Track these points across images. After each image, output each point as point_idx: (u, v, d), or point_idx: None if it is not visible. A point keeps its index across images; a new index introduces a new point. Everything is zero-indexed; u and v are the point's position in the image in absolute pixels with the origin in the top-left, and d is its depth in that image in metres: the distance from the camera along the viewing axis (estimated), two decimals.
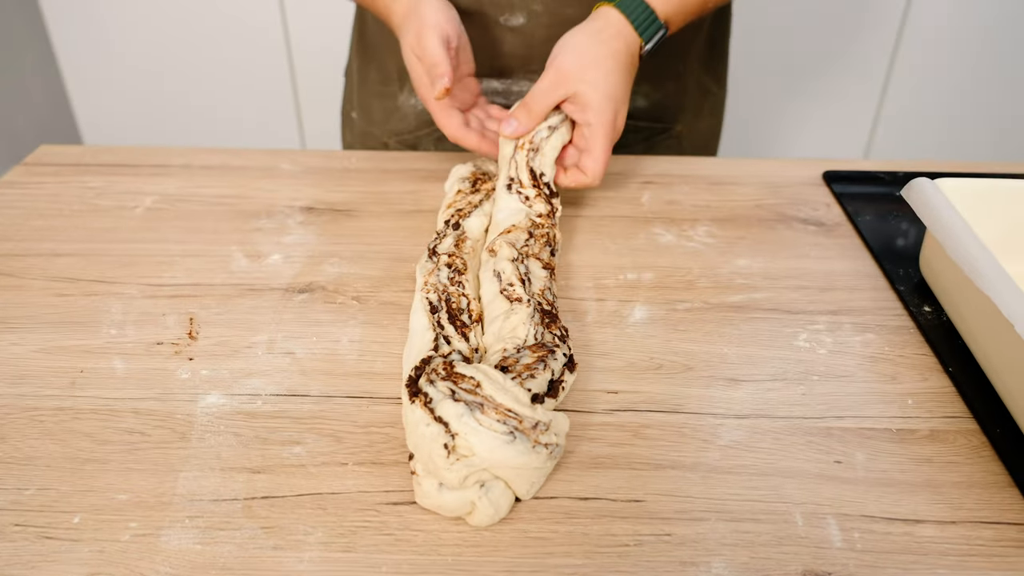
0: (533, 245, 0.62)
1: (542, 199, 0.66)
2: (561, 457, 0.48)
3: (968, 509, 0.45)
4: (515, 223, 0.64)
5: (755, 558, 0.42)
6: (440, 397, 0.44)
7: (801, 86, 1.83)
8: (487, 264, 0.59)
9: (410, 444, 0.45)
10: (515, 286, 0.56)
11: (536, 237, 0.63)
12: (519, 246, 0.61)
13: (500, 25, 0.83)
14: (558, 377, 0.49)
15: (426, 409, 0.44)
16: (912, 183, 0.61)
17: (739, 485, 0.46)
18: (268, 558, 0.42)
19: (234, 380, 0.54)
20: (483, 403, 0.44)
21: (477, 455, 0.43)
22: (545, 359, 0.49)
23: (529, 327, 0.52)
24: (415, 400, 0.45)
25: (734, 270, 0.66)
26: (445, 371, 0.47)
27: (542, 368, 0.48)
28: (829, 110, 1.86)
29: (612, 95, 0.67)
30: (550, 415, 0.45)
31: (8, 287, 0.63)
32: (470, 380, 0.46)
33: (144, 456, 0.48)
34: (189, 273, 0.65)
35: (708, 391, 0.53)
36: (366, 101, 0.95)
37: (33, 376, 0.54)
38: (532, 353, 0.49)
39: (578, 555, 0.42)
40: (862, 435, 0.50)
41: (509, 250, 0.59)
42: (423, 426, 0.44)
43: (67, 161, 0.82)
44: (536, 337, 0.51)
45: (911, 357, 0.57)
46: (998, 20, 1.72)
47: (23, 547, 0.42)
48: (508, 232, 0.63)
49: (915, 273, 0.65)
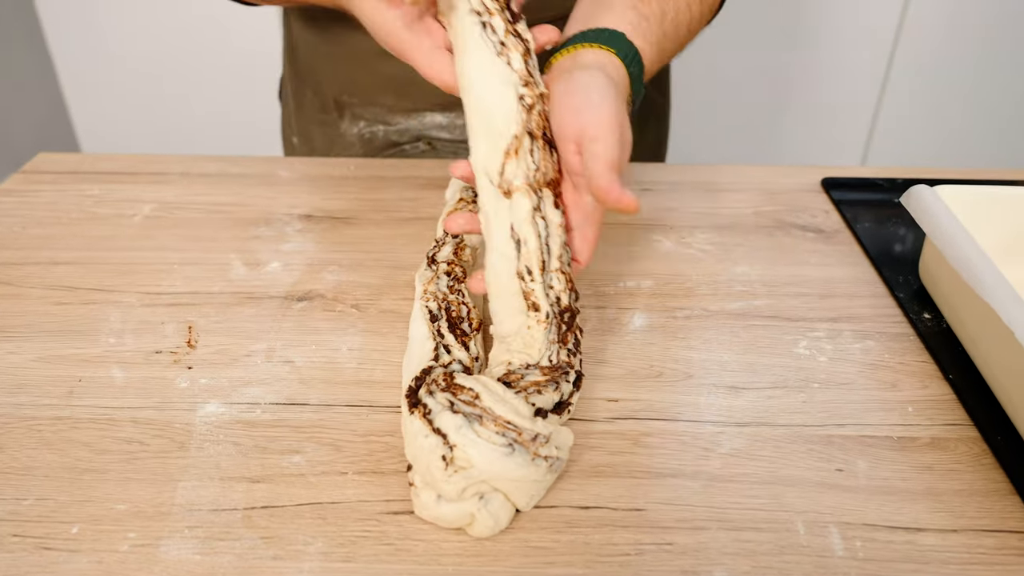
0: (539, 159, 0.49)
1: (512, 36, 0.50)
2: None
3: (969, 517, 0.45)
4: (515, 128, 0.49)
5: (757, 567, 0.42)
6: (439, 409, 0.44)
7: (797, 93, 1.83)
8: (498, 213, 0.49)
9: (409, 455, 0.45)
10: (534, 276, 0.48)
11: (536, 135, 0.49)
12: (532, 175, 0.49)
13: None
14: (566, 399, 0.48)
15: (425, 420, 0.44)
16: (911, 190, 0.61)
17: (740, 494, 0.46)
18: (268, 568, 0.42)
19: (233, 389, 0.54)
20: (482, 415, 0.44)
21: (475, 467, 0.42)
22: (557, 381, 0.48)
23: (543, 345, 0.50)
24: (414, 411, 0.45)
25: (733, 277, 0.66)
26: (445, 382, 0.46)
27: (552, 389, 0.48)
28: (825, 117, 1.86)
29: None
30: (550, 428, 0.45)
31: (6, 295, 0.63)
32: (469, 392, 0.45)
33: (143, 466, 0.48)
34: (188, 281, 0.65)
35: (708, 399, 0.53)
36: (305, 128, 0.92)
37: (31, 385, 0.54)
38: (543, 374, 0.49)
39: (579, 565, 0.42)
40: (863, 443, 0.50)
41: (527, 198, 0.48)
42: (422, 437, 0.43)
43: (65, 169, 0.82)
44: (550, 359, 0.50)
45: (911, 364, 0.57)
46: (995, 26, 1.72)
47: (21, 558, 0.42)
48: (514, 151, 0.48)
49: (914, 280, 0.65)
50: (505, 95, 0.49)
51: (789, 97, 1.83)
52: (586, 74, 0.51)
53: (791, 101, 1.84)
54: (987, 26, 1.73)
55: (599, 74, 0.51)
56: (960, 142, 1.89)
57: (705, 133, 1.87)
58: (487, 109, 0.49)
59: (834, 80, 1.80)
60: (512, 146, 0.48)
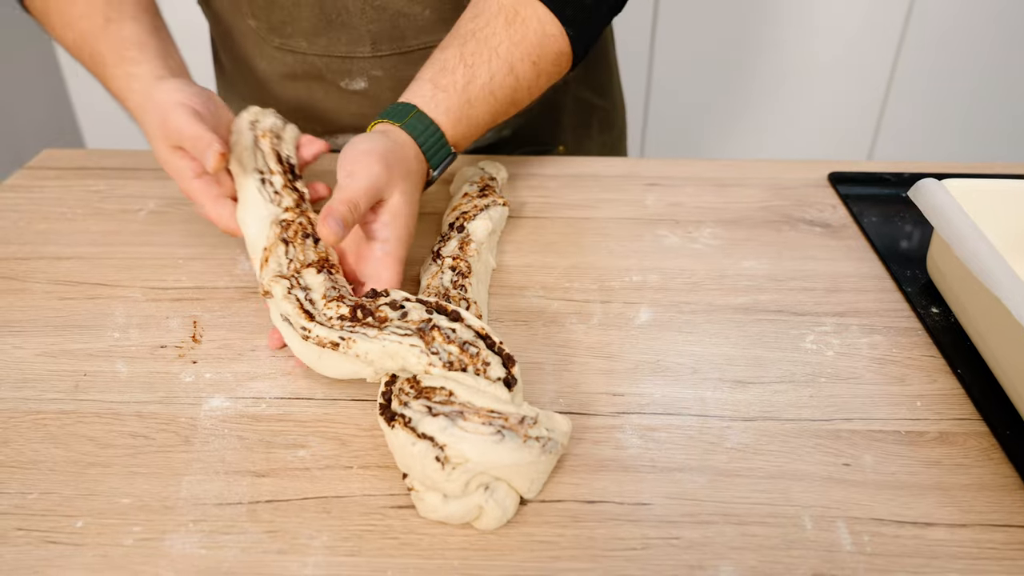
0: (296, 251, 0.56)
1: (288, 188, 0.61)
2: (566, 460, 0.48)
3: (978, 512, 0.45)
4: (267, 239, 0.58)
5: (764, 562, 0.42)
6: (419, 416, 0.44)
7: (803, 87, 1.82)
8: (272, 310, 0.54)
9: (401, 465, 0.45)
10: (309, 329, 0.50)
11: (293, 240, 0.57)
12: (284, 268, 0.55)
13: (343, 89, 0.83)
14: (483, 334, 0.49)
15: (408, 429, 0.44)
16: (919, 184, 0.61)
17: (747, 488, 0.46)
18: (272, 562, 0.42)
19: (238, 383, 0.54)
20: (462, 410, 0.44)
21: (471, 460, 0.42)
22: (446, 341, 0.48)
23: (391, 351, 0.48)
24: (394, 424, 0.44)
25: (740, 272, 0.66)
26: (414, 389, 0.46)
27: (469, 352, 0.47)
28: (831, 111, 1.86)
29: (414, 214, 0.60)
30: (536, 409, 0.45)
31: (11, 291, 0.63)
32: (441, 391, 0.46)
33: (148, 460, 0.48)
34: (192, 276, 0.64)
35: (715, 393, 0.53)
36: None
37: (36, 379, 0.54)
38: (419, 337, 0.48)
39: (585, 559, 0.42)
40: (871, 437, 0.50)
41: (280, 285, 0.53)
42: (409, 446, 0.43)
43: (70, 165, 0.82)
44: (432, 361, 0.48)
45: (919, 359, 0.56)
46: (1002, 19, 1.71)
47: (26, 551, 0.42)
48: (265, 260, 0.56)
49: (922, 274, 0.65)
50: (264, 231, 0.59)
51: (795, 91, 1.82)
52: (364, 136, 0.60)
53: (797, 95, 1.83)
54: (994, 19, 1.71)
55: (375, 134, 0.61)
56: (967, 136, 1.88)
57: (711, 127, 1.86)
58: (252, 243, 0.59)
59: (841, 74, 1.79)
60: (263, 257, 0.57)
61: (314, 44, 0.79)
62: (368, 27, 0.78)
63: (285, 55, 0.81)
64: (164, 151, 0.61)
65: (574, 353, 0.57)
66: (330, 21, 0.78)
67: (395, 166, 0.58)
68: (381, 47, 0.79)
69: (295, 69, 0.82)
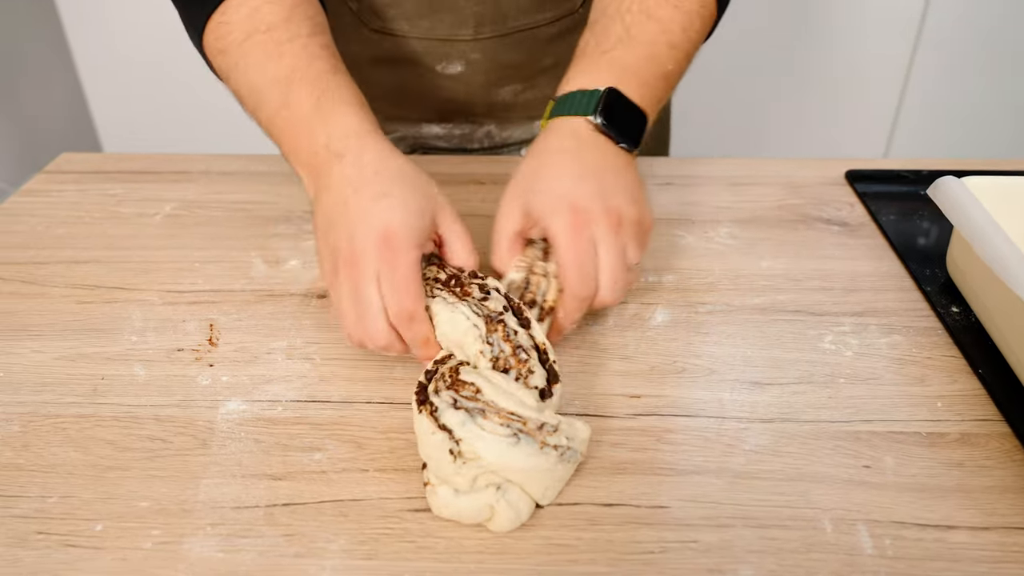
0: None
1: None
2: (583, 462, 0.47)
3: (1001, 515, 0.44)
4: None
5: (783, 565, 0.42)
6: (444, 406, 0.45)
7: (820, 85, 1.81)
8: None
9: (422, 452, 0.46)
10: None
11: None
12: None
13: (438, 73, 0.83)
14: (541, 348, 0.49)
15: (431, 418, 0.44)
16: (938, 182, 0.60)
17: (765, 491, 0.46)
18: (290, 565, 0.42)
19: (254, 386, 0.54)
20: (484, 409, 0.44)
21: (484, 459, 0.43)
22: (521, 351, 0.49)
23: None
24: (422, 409, 0.45)
25: (757, 271, 0.65)
26: (450, 378, 0.47)
27: (527, 358, 0.48)
28: (848, 108, 1.84)
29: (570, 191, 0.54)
30: (558, 417, 0.45)
31: (30, 295, 0.63)
32: (470, 387, 0.46)
33: (166, 463, 0.48)
34: (209, 279, 0.65)
35: (732, 395, 0.53)
36: None
37: (55, 383, 0.54)
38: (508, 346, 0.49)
39: (603, 563, 0.42)
40: (891, 439, 0.49)
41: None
42: (429, 434, 0.44)
43: (88, 168, 0.83)
44: None
45: (939, 359, 0.56)
46: (1019, 15, 1.69)
47: (46, 555, 0.42)
48: None
49: (941, 273, 0.64)
50: None
51: (811, 89, 1.81)
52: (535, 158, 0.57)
53: (813, 93, 1.82)
54: (1011, 15, 1.70)
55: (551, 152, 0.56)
56: (985, 133, 1.86)
57: (727, 126, 1.85)
58: None
59: (857, 71, 1.78)
60: None
61: (416, 26, 0.80)
62: (473, 9, 0.78)
63: (383, 39, 0.81)
64: (369, 252, 0.49)
65: (590, 354, 0.56)
66: (434, 3, 0.78)
67: None
68: (483, 29, 0.80)
69: (392, 53, 0.82)
